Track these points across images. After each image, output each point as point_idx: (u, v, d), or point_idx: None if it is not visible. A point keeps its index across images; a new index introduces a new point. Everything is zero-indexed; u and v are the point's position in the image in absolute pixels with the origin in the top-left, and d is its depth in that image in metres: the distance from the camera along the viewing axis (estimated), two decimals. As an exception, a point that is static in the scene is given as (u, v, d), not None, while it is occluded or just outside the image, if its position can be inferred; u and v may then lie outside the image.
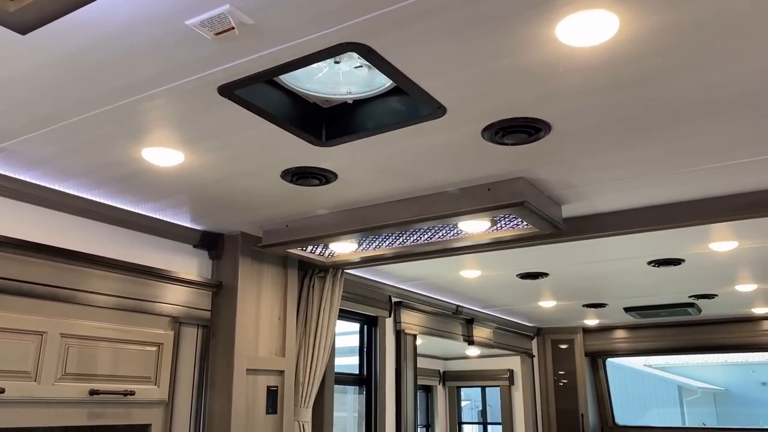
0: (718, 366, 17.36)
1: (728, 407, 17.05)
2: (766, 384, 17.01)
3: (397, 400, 5.08)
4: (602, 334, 7.48)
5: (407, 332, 5.28)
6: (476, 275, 4.88)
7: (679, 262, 4.38)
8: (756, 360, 16.52)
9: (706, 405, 17.32)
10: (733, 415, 16.55)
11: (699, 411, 16.98)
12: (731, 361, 16.86)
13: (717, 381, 17.57)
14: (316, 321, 4.09)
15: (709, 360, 16.94)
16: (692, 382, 17.50)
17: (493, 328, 6.64)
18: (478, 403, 8.21)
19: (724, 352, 7.59)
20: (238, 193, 3.08)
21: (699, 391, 17.52)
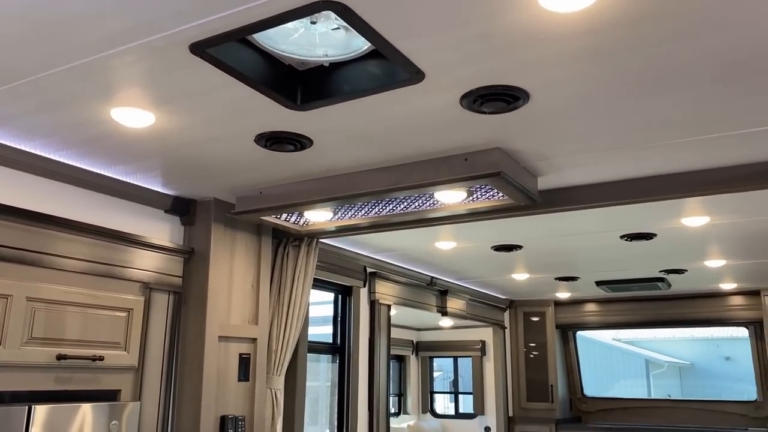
0: (684, 341, 17.74)
1: (693, 380, 17.52)
2: (729, 358, 17.41)
3: (369, 369, 5.11)
4: (573, 307, 7.59)
5: (381, 302, 5.29)
6: (451, 247, 4.88)
7: (651, 236, 4.43)
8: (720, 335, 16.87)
9: (671, 378, 17.78)
10: (697, 387, 17.02)
11: (665, 383, 17.44)
12: (697, 336, 17.20)
13: (683, 355, 17.98)
14: (289, 290, 4.06)
15: (675, 335, 17.31)
16: (659, 356, 17.90)
17: (466, 300, 6.70)
18: (450, 373, 8.32)
19: (691, 326, 7.77)
20: (211, 158, 3.02)
21: (665, 365, 17.94)
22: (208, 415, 3.45)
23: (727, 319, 6.90)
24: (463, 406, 7.98)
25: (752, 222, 4.04)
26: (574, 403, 7.89)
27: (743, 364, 16.56)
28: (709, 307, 6.90)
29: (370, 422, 5.02)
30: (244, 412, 3.69)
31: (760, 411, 6.87)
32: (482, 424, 7.43)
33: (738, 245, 4.71)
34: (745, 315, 6.75)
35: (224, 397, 3.58)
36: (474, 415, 7.49)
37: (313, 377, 5.61)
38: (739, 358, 16.89)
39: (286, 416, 4.19)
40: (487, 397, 7.46)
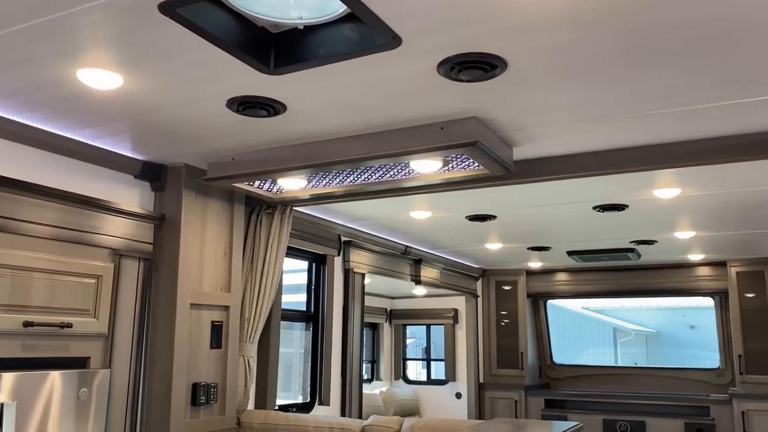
0: (650, 310, 18.08)
1: (658, 348, 17.96)
2: (694, 327, 17.82)
3: (343, 336, 5.13)
4: (544, 276, 7.69)
5: (356, 271, 5.29)
6: (426, 216, 4.88)
7: (623, 207, 4.48)
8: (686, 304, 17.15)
9: (638, 346, 18.21)
10: (663, 355, 17.49)
11: (631, 351, 17.85)
12: (663, 306, 17.52)
13: (649, 324, 18.36)
14: (263, 258, 4.03)
15: (643, 304, 17.62)
16: (626, 325, 18.26)
17: (440, 269, 6.74)
18: (423, 340, 8.42)
19: (660, 296, 7.93)
20: (182, 122, 2.95)
21: (632, 333, 18.34)
22: (180, 382, 3.43)
23: (694, 289, 7.06)
24: (435, 373, 8.10)
25: (722, 194, 4.10)
26: (543, 370, 8.05)
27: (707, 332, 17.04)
28: (677, 277, 7.05)
29: (343, 389, 5.06)
30: (216, 379, 3.68)
31: (722, 378, 7.09)
32: (453, 390, 7.56)
33: (707, 217, 4.79)
34: (711, 285, 6.91)
35: (196, 365, 3.56)
36: (445, 382, 7.61)
37: (286, 344, 5.62)
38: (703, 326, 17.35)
39: (259, 383, 4.20)
40: (459, 363, 7.58)
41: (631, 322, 18.25)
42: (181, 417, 3.41)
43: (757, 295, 6.51)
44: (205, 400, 3.56)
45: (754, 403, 6.26)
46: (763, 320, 6.43)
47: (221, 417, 3.68)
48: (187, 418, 3.46)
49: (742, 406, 6.30)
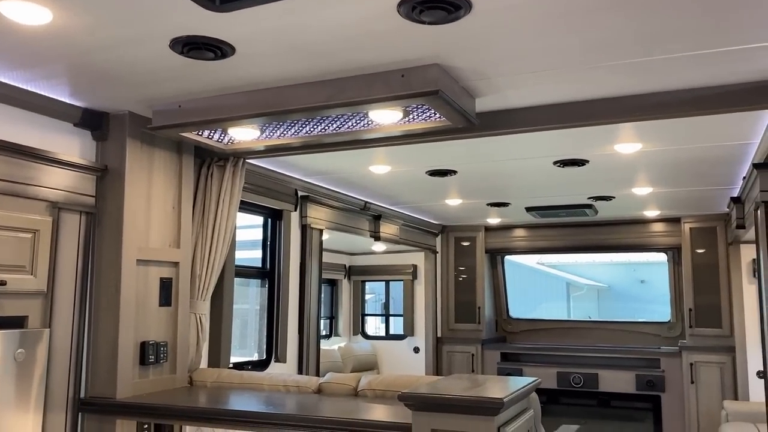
0: (603, 265, 18.50)
1: (610, 302, 18.50)
2: (644, 282, 18.36)
3: (300, 293, 5.02)
4: (503, 232, 7.71)
5: (313, 227, 5.16)
6: (386, 171, 4.76)
7: (584, 163, 4.44)
8: (637, 260, 17.65)
9: (590, 300, 18.72)
10: (614, 309, 18.02)
11: (583, 305, 18.35)
12: (615, 261, 17.97)
13: (601, 278, 18.84)
14: (214, 212, 3.86)
15: (596, 259, 18.01)
16: (579, 279, 18.71)
17: (399, 225, 6.66)
18: (382, 296, 8.41)
19: (615, 251, 8.08)
20: (122, 65, 2.72)
21: (585, 288, 18.83)
22: (127, 341, 3.29)
23: (649, 245, 7.17)
24: (394, 328, 8.12)
25: (681, 150, 4.09)
26: (500, 324, 8.15)
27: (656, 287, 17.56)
28: (633, 233, 7.14)
29: (300, 345, 4.99)
30: (166, 337, 3.54)
31: (672, 331, 7.29)
32: (411, 344, 7.60)
33: (665, 173, 4.80)
34: (665, 241, 7.02)
35: (144, 323, 3.42)
36: (404, 336, 7.64)
37: (242, 301, 5.50)
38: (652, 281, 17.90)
39: (212, 341, 4.08)
40: (417, 319, 7.60)
41: (584, 277, 18.71)
42: (128, 377, 3.28)
43: (708, 251, 6.65)
44: (155, 360, 3.43)
45: (702, 355, 6.46)
46: (713, 275, 6.58)
47: (172, 376, 3.56)
48: (135, 378, 3.33)
49: (690, 358, 6.49)
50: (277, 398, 3.27)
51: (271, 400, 3.24)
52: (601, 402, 6.99)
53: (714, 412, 6.26)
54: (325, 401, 3.18)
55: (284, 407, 3.09)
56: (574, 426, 7.10)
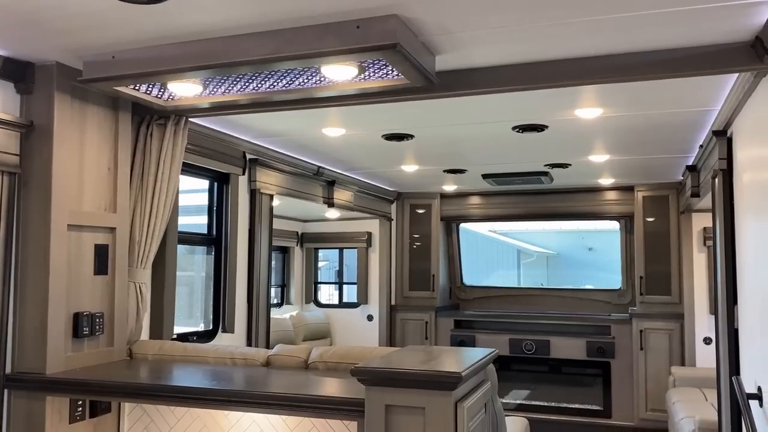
0: (552, 233, 18.80)
1: (558, 269, 18.85)
2: (591, 249, 18.76)
3: (249, 261, 4.81)
4: (458, 200, 7.62)
5: (263, 192, 4.93)
6: (340, 134, 4.55)
7: (543, 128, 4.32)
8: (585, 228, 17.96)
9: (539, 267, 19.04)
10: (562, 276, 18.39)
11: (533, 272, 18.66)
12: (564, 229, 18.24)
13: (551, 246, 19.16)
14: (154, 175, 3.60)
15: (545, 227, 18.27)
16: (530, 247, 18.97)
17: (354, 191, 6.48)
18: (336, 264, 8.25)
19: (569, 219, 8.12)
20: (48, 8, 2.43)
21: (535, 255, 19.13)
22: (58, 312, 3.04)
23: (602, 213, 7.19)
24: (348, 296, 7.99)
25: (641, 116, 4.01)
26: (454, 292, 8.12)
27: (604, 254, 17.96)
28: (587, 201, 7.14)
29: (249, 314, 4.79)
30: (102, 308, 3.30)
31: (622, 298, 7.38)
32: (365, 312, 7.49)
33: (623, 140, 4.74)
34: (618, 209, 7.05)
35: (78, 293, 3.17)
36: (357, 304, 7.52)
37: (188, 269, 5.26)
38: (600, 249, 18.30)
39: (154, 311, 3.85)
40: (371, 286, 7.49)
41: (534, 245, 18.99)
42: (60, 351, 3.04)
43: (660, 220, 6.70)
44: (90, 332, 3.19)
45: (651, 322, 6.55)
46: (663, 244, 6.65)
47: (109, 349, 3.33)
48: (68, 351, 3.09)
49: (640, 325, 6.58)
50: (222, 372, 3.09)
51: (216, 375, 3.05)
52: (552, 368, 7.06)
53: (662, 378, 6.38)
54: (273, 375, 3.02)
55: (230, 382, 2.92)
56: (525, 392, 7.17)
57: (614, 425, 6.66)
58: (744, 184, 3.50)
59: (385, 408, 2.26)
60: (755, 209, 3.21)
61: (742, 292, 3.61)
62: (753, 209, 3.27)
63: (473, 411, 2.36)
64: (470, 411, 2.31)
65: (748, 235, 3.41)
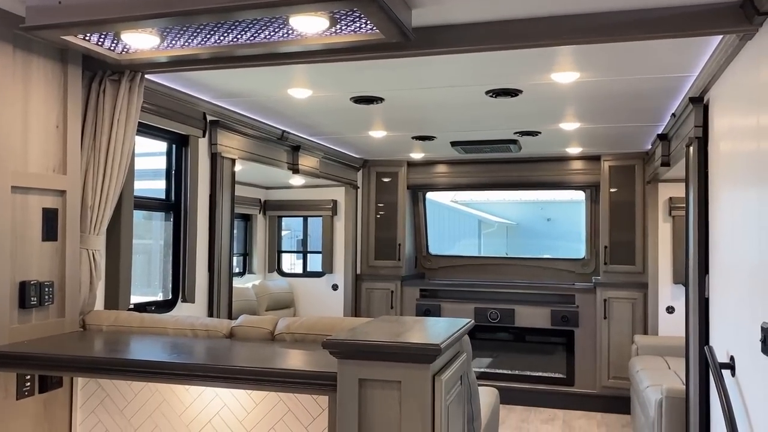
0: (512, 203, 19.04)
1: (517, 239, 19.09)
2: (550, 219, 19.05)
3: (210, 228, 4.60)
4: (425, 168, 7.49)
5: (224, 156, 4.70)
6: (306, 95, 4.34)
7: (517, 93, 4.20)
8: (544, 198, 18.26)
9: (499, 237, 19.23)
10: (521, 245, 18.64)
11: (493, 242, 18.86)
12: (524, 199, 18.49)
13: (511, 216, 19.38)
14: (108, 135, 3.35)
15: (506, 198, 18.48)
16: (490, 217, 19.15)
17: (319, 158, 6.28)
18: (299, 232, 8.06)
19: (535, 189, 8.07)
20: (-23, -60, 2.16)
21: (495, 225, 19.32)
22: (2, 280, 2.80)
23: (568, 182, 7.16)
24: (312, 265, 7.83)
25: (617, 81, 3.92)
26: (419, 261, 8.05)
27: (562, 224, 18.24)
28: (553, 171, 7.10)
29: (210, 283, 4.60)
30: (51, 276, 3.08)
31: (586, 268, 7.41)
32: (330, 282, 7.36)
33: (595, 107, 4.65)
34: (584, 179, 7.02)
35: (24, 260, 2.93)
36: (322, 274, 7.38)
37: (145, 236, 5.03)
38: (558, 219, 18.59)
39: (109, 280, 3.63)
40: (337, 255, 7.34)
41: (495, 215, 19.16)
42: (4, 322, 2.81)
43: (625, 189, 6.71)
44: (38, 302, 2.97)
45: (614, 291, 6.59)
46: (628, 213, 6.67)
47: (60, 320, 3.12)
48: (13, 323, 2.87)
49: (604, 294, 6.62)
50: (183, 344, 2.92)
51: (176, 347, 2.88)
52: (517, 337, 7.08)
53: (624, 346, 6.45)
54: (237, 347, 2.86)
55: (191, 355, 2.75)
56: (489, 360, 7.19)
57: (577, 393, 6.73)
58: (720, 153, 3.45)
59: (359, 382, 2.14)
60: (732, 179, 3.16)
61: (714, 261, 3.59)
62: (729, 178, 3.22)
63: (450, 384, 2.26)
64: (447, 384, 2.20)
65: (724, 204, 3.37)
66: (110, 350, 2.85)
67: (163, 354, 2.79)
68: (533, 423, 6.24)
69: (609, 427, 6.12)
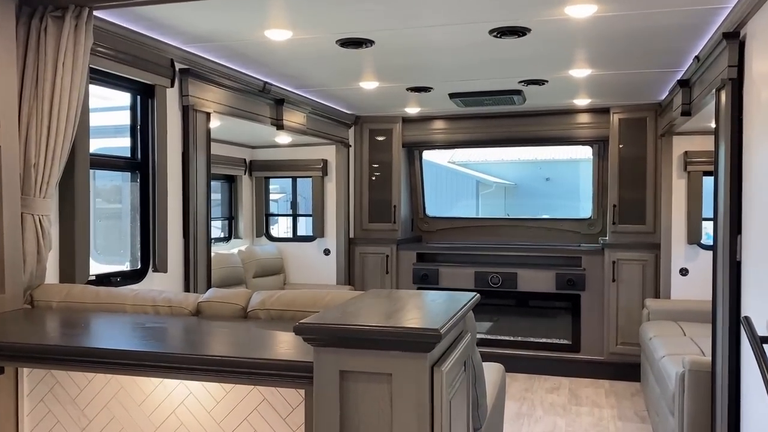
0: (511, 163, 18.59)
1: (516, 199, 18.70)
2: (548, 179, 18.64)
3: (184, 189, 4.15)
4: (421, 124, 7.01)
5: (198, 109, 4.22)
6: (286, 38, 3.85)
7: (525, 32, 3.71)
8: (543, 158, 17.87)
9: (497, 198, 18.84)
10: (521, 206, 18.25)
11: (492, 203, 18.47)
12: (522, 159, 18.03)
13: (509, 176, 18.94)
14: (51, 81, 2.88)
15: (504, 158, 18.06)
16: (488, 178, 18.72)
17: (306, 113, 5.79)
18: (289, 194, 7.61)
19: (539, 144, 7.57)
20: None
21: (493, 186, 18.90)
22: None
23: (575, 137, 6.69)
24: (302, 229, 7.41)
25: (639, 15, 3.44)
26: (416, 224, 7.63)
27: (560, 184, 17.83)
28: (559, 125, 6.63)
29: (186, 251, 4.18)
30: (-14, 247, 2.65)
31: (593, 228, 7.00)
32: (321, 246, 6.94)
33: (610, 50, 4.17)
34: (592, 133, 6.56)
35: (-50, 229, 2.50)
36: (313, 238, 6.96)
37: (112, 199, 4.58)
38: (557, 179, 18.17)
39: (64, 249, 3.21)
40: (328, 219, 6.91)
41: (493, 175, 18.72)
42: (-73, 302, 2.40)
43: (636, 144, 6.25)
44: (-30, 277, 2.55)
45: (624, 253, 6.19)
46: (639, 170, 6.22)
47: (0, 296, 2.70)
48: (-61, 302, 2.46)
49: (612, 256, 6.22)
50: (141, 325, 2.51)
51: (134, 327, 2.47)
52: (520, 302, 6.71)
53: (634, 310, 6.09)
54: (203, 327, 2.45)
55: (148, 339, 2.33)
56: (490, 325, 6.84)
57: (583, 359, 6.39)
58: (761, 98, 2.99)
59: (340, 374, 1.73)
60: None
61: (748, 221, 3.17)
62: (772, 125, 2.78)
63: (452, 375, 1.85)
64: (449, 375, 1.80)
65: (762, 157, 2.93)
66: (49, 334, 2.44)
67: (114, 339, 2.37)
68: (537, 392, 5.91)
69: (618, 395, 5.80)
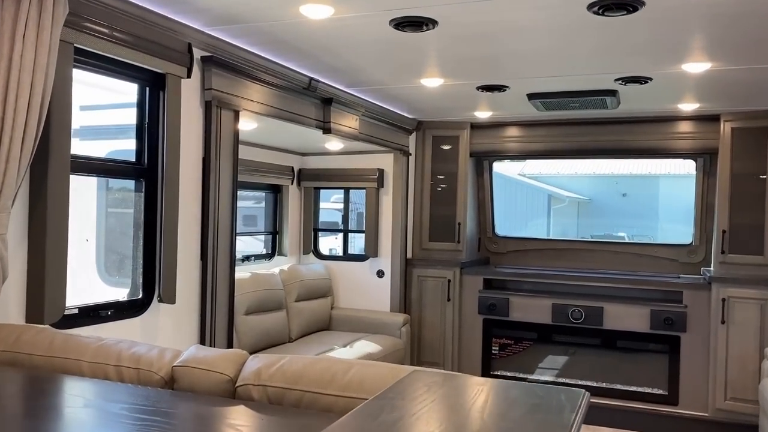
0: (585, 177, 17.84)
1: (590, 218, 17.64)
2: (625, 195, 17.68)
3: (203, 201, 3.44)
4: (493, 131, 6.13)
5: (224, 106, 3.51)
6: (327, 15, 3.08)
7: (637, 6, 2.81)
8: (620, 172, 17.18)
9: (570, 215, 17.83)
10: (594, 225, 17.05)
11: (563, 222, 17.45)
12: (598, 173, 17.19)
13: (583, 191, 18.06)
14: (8, 59, 2.20)
15: (579, 171, 17.31)
16: (561, 192, 17.84)
17: (359, 115, 5.03)
18: (341, 207, 6.86)
19: (633, 156, 6.44)
20: None
21: (566, 200, 17.99)
22: None
23: (676, 149, 5.63)
24: (354, 247, 6.63)
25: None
26: (483, 244, 6.72)
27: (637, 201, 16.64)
28: (658, 134, 5.60)
29: (203, 276, 3.45)
30: None
31: (693, 256, 5.91)
32: (375, 267, 6.14)
33: (740, 34, 3.20)
34: (697, 145, 5.51)
35: None
36: (365, 257, 6.17)
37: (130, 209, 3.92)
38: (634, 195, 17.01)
39: (32, 277, 2.52)
40: (383, 235, 6.11)
41: (566, 189, 17.81)
42: None
43: (753, 158, 5.17)
44: None
45: (737, 289, 5.10)
46: (756, 189, 5.15)
47: None
48: None
49: (722, 292, 5.13)
50: (91, 398, 1.76)
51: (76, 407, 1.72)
52: (606, 342, 5.68)
53: (749, 360, 4.98)
54: (175, 408, 1.67)
55: (84, 425, 1.57)
56: (569, 369, 5.84)
57: (682, 414, 5.31)
58: None
59: None
60: None
61: None
62: None
63: None
64: None
65: None
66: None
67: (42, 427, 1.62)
68: (627, 454, 4.89)
69: (729, 465, 4.71)
